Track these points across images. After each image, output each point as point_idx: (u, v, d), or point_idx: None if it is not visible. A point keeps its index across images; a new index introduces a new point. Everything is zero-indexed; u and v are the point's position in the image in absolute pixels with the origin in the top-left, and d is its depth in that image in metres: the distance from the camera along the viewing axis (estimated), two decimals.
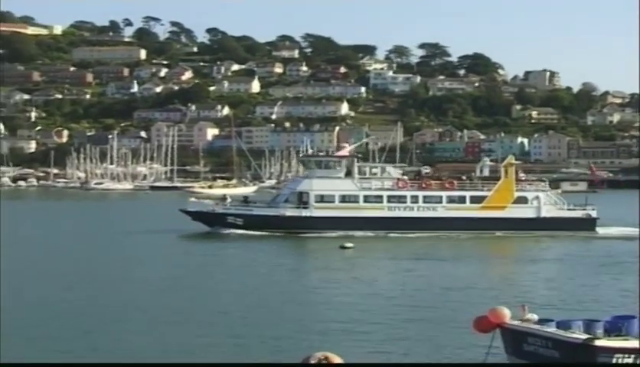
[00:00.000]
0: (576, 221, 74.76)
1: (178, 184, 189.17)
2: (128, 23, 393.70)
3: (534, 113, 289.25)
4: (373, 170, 77.35)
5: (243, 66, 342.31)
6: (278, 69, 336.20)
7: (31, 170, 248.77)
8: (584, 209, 76.49)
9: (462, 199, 74.51)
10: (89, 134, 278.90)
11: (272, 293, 41.01)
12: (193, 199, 79.80)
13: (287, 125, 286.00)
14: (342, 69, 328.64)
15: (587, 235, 72.57)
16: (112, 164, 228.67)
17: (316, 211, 72.62)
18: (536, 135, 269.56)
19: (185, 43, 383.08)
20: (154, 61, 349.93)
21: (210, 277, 47.57)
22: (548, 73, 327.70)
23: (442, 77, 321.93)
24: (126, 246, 65.32)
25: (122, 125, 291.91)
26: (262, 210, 74.89)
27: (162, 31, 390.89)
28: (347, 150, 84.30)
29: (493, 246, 66.85)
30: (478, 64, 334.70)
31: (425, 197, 74.03)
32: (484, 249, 64.11)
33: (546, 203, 74.98)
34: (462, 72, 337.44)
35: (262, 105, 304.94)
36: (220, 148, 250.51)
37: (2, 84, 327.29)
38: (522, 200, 74.89)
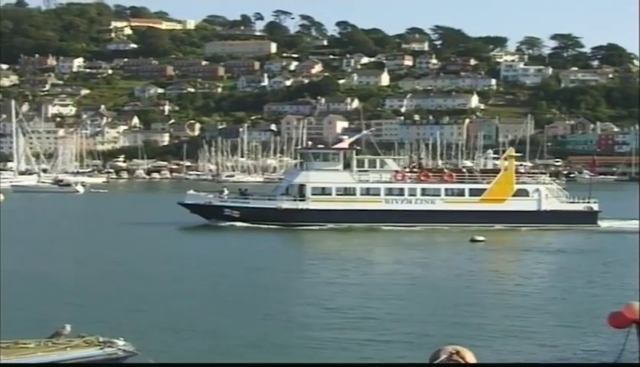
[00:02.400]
0: (578, 214, 73.41)
1: None
2: (259, 17, 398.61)
3: None
4: (372, 163, 76.04)
5: (372, 59, 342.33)
6: (407, 61, 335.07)
7: (164, 163, 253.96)
8: (586, 202, 74.85)
9: (460, 192, 73.21)
10: (220, 127, 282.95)
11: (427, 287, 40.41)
12: (191, 191, 79.24)
13: (416, 117, 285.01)
14: (472, 62, 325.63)
15: (588, 228, 71.17)
16: (242, 156, 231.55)
17: (313, 203, 71.92)
18: None
19: (315, 36, 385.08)
20: (284, 55, 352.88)
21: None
22: None
23: (574, 68, 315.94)
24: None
25: (253, 118, 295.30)
26: (259, 203, 74.23)
27: (293, 25, 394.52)
28: (345, 142, 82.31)
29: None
30: (613, 55, 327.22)
31: (423, 190, 72.91)
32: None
33: (547, 196, 73.54)
34: (595, 63, 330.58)
35: (391, 97, 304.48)
36: None
37: (137, 78, 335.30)
38: (522, 193, 73.47)
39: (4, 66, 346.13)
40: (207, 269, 45.94)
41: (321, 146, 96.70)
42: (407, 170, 78.82)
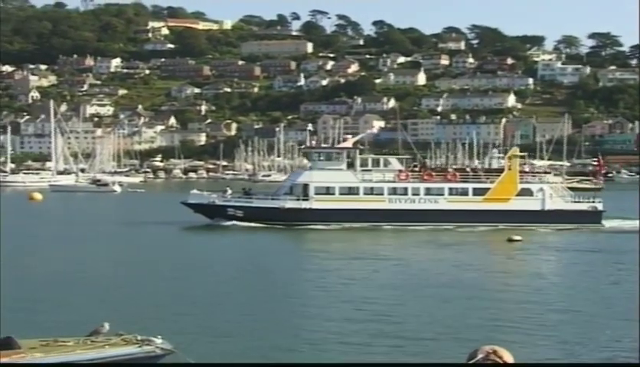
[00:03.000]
0: (582, 213, 73.00)
1: None
2: (296, 17, 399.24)
3: None
4: (376, 162, 75.63)
5: (409, 59, 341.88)
6: (444, 61, 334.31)
7: (200, 162, 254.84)
8: (590, 202, 74.49)
9: (464, 192, 72.82)
10: (256, 127, 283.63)
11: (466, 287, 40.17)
12: (194, 191, 78.97)
13: (453, 117, 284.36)
14: (509, 61, 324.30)
15: (593, 228, 70.76)
16: (279, 156, 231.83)
17: (316, 203, 71.58)
18: None
19: (352, 36, 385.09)
20: (320, 54, 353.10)
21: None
22: None
23: (612, 67, 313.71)
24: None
25: (289, 117, 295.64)
26: (262, 202, 73.88)
27: (329, 25, 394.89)
28: (349, 141, 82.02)
29: None
30: None
31: (426, 189, 72.61)
32: None
33: (552, 196, 73.10)
34: (633, 62, 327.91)
35: (427, 97, 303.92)
36: (386, 141, 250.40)
37: (174, 78, 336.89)
38: (526, 192, 73.01)
39: (43, 67, 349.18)
40: (240, 268, 46.03)
41: (325, 145, 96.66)
42: (417, 168, 79.18)
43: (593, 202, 74.33)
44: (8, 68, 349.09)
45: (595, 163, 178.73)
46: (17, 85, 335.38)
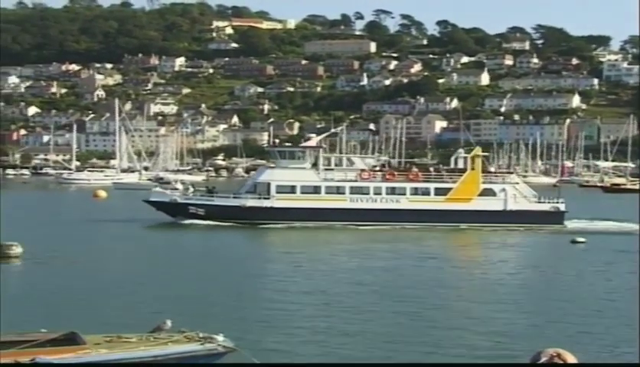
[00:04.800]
0: (544, 214, 72.58)
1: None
2: (360, 16, 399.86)
3: None
4: (339, 161, 75.17)
5: (472, 59, 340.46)
6: (508, 61, 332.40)
7: (262, 161, 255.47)
8: (552, 203, 73.84)
9: (426, 191, 72.28)
10: (318, 126, 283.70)
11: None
12: (157, 189, 78.23)
13: (516, 117, 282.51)
14: (574, 61, 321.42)
15: (554, 228, 70.15)
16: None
17: (277, 202, 71.00)
18: None
19: (415, 35, 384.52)
20: (384, 54, 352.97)
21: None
22: None
23: None
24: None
25: (352, 117, 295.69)
26: (224, 200, 73.21)
27: (393, 24, 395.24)
28: (313, 140, 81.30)
29: None
30: None
31: (388, 189, 72.07)
32: None
33: (515, 196, 72.48)
34: None
35: (491, 97, 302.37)
36: (448, 141, 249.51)
37: (237, 77, 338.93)
38: (488, 193, 72.46)
39: (109, 66, 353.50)
40: (290, 265, 46.00)
41: (288, 144, 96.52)
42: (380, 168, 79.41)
43: (557, 202, 73.87)
44: (74, 67, 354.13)
45: None
46: (84, 83, 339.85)
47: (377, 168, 79.91)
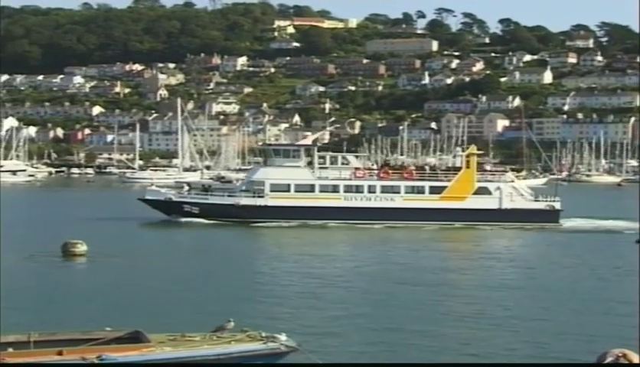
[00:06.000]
0: (539, 212, 72.08)
1: None
2: (421, 15, 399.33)
3: None
4: (333, 160, 74.83)
5: (535, 57, 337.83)
6: (571, 59, 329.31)
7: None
8: (548, 201, 73.34)
9: (420, 190, 71.97)
10: (380, 125, 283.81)
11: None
12: (153, 187, 77.97)
13: (579, 116, 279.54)
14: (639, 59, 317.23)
15: (550, 227, 69.63)
16: (402, 154, 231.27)
17: (271, 200, 70.80)
18: None
19: (477, 34, 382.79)
20: (445, 53, 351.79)
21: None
22: None
23: None
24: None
25: (413, 116, 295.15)
26: (218, 199, 73.09)
27: (454, 23, 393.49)
28: (309, 138, 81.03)
29: None
30: None
31: (382, 187, 71.78)
32: None
33: (510, 194, 72.06)
34: None
35: (554, 95, 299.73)
36: (510, 140, 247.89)
37: (299, 76, 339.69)
38: (483, 191, 72.11)
39: (172, 66, 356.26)
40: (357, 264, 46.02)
41: (283, 142, 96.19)
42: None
43: (552, 201, 73.47)
44: (137, 67, 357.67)
45: None
46: (147, 83, 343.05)
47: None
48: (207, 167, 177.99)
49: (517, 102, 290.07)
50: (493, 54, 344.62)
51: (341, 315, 30.88)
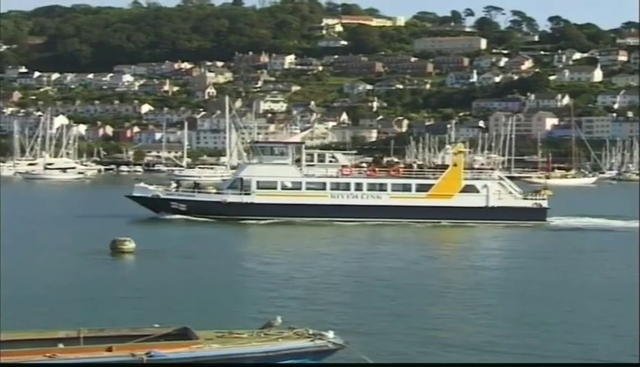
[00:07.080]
0: (526, 210, 71.55)
1: (516, 174, 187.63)
2: (470, 13, 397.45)
3: None
4: (321, 157, 74.75)
5: (585, 55, 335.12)
6: (622, 57, 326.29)
7: (369, 158, 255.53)
8: (535, 199, 73.06)
9: (407, 187, 71.59)
10: (427, 123, 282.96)
11: None
12: (141, 184, 77.73)
13: (630, 114, 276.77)
14: None
15: (536, 225, 69.09)
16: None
17: (257, 197, 70.60)
18: None
19: (526, 32, 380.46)
20: (494, 51, 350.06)
21: None
22: None
23: None
24: None
25: (461, 114, 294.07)
26: (205, 196, 73.02)
27: (503, 21, 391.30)
28: (297, 136, 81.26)
29: None
30: None
31: (369, 185, 71.51)
32: None
33: (497, 192, 71.66)
34: None
35: (604, 94, 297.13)
36: (559, 138, 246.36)
37: (346, 75, 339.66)
38: (470, 189, 71.77)
39: (220, 64, 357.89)
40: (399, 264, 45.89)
41: (271, 140, 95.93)
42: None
43: (539, 199, 73.19)
44: (186, 65, 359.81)
45: None
46: (195, 81, 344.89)
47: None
48: None
49: (566, 100, 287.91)
50: (542, 52, 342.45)
51: (387, 313, 30.83)
